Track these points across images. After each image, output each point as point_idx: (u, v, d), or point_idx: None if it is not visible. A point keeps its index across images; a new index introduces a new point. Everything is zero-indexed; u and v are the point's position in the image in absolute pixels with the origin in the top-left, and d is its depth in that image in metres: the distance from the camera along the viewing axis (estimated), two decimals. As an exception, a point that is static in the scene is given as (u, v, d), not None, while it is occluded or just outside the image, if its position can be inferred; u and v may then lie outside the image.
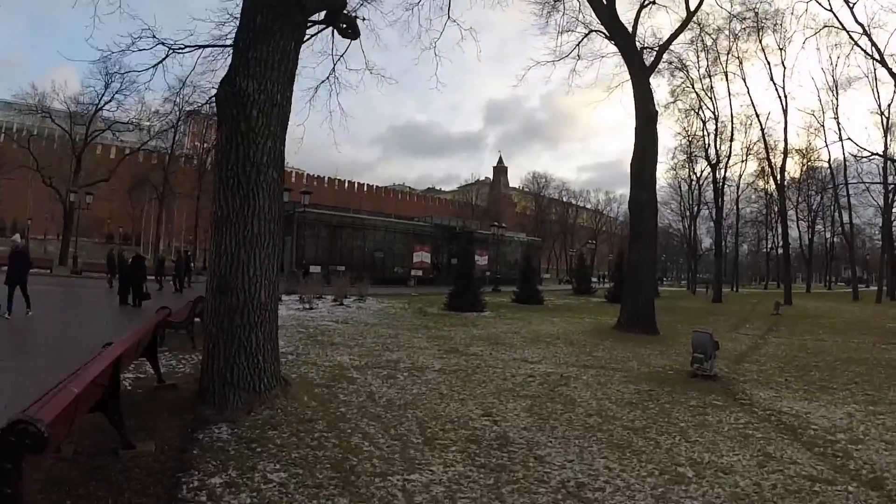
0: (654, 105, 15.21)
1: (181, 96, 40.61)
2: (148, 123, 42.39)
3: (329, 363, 8.22)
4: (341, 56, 10.19)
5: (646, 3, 16.75)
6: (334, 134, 38.78)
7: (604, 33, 16.66)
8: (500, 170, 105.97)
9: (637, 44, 15.91)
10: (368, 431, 5.00)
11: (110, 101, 37.73)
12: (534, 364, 8.84)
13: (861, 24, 19.40)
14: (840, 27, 21.06)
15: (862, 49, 21.13)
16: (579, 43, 17.65)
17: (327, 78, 10.39)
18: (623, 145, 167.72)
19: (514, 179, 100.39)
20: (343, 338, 11.19)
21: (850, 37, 20.85)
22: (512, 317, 17.23)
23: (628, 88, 15.79)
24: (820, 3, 20.15)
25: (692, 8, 16.40)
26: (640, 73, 14.79)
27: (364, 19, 14.38)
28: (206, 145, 49.10)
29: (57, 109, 39.42)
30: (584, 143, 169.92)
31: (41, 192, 44.51)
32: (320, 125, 15.27)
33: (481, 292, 18.77)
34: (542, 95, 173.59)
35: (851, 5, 19.20)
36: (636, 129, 14.72)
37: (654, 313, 14.08)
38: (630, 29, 15.45)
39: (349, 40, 8.28)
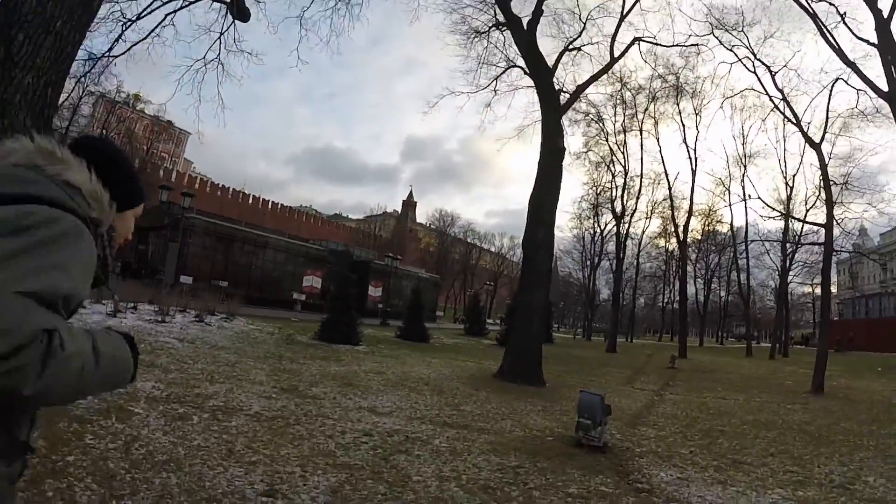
0: (562, 141, 14.48)
1: (88, 76, 38.21)
2: None
3: (120, 389, 6.11)
4: (220, 35, 8.86)
5: (570, 47, 16.42)
6: (224, 126, 35.50)
7: (523, 69, 16.27)
8: (409, 204, 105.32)
9: (556, 85, 15.41)
10: (79, 502, 3.34)
11: None
12: (381, 416, 7.16)
13: (780, 90, 20.46)
14: (763, 91, 22.03)
15: (780, 112, 22.15)
16: (498, 77, 17.29)
17: (215, 58, 9.06)
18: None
19: (423, 216, 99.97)
20: (170, 359, 9.22)
21: (772, 101, 21.82)
22: (387, 354, 15.53)
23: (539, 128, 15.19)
24: (744, 66, 20.80)
25: (615, 55, 16.13)
26: (553, 108, 14.01)
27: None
28: (111, 134, 44.63)
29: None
30: (495, 189, 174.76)
31: None
32: (213, 116, 13.65)
33: (358, 324, 16.90)
34: (460, 139, 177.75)
35: (773, 73, 20.17)
36: (539, 163, 13.80)
37: (542, 361, 12.84)
38: (550, 65, 14.85)
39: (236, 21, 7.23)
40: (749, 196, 34.42)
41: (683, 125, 33.93)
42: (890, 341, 38.31)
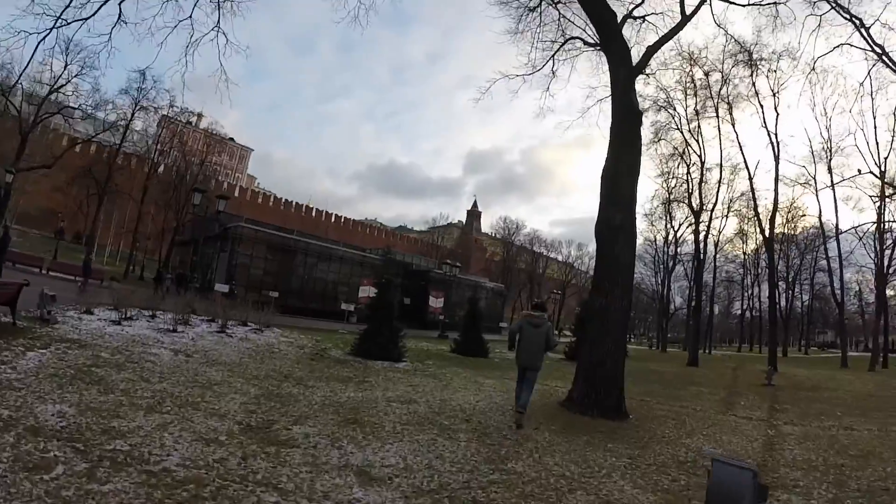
0: (637, 102, 11.35)
1: (141, 91, 38.84)
2: (103, 115, 38.70)
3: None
4: None
5: (632, 14, 13.35)
6: (226, 95, 34.26)
7: (582, 39, 13.93)
8: (474, 214, 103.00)
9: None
10: None
11: (66, 84, 34.22)
12: (370, 488, 4.38)
13: (880, 46, 17.67)
14: (866, 45, 18.45)
15: (887, 63, 18.04)
16: (555, 53, 14.59)
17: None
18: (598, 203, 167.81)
19: (488, 227, 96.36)
20: (133, 375, 7.33)
21: (876, 53, 18.32)
22: (431, 373, 12.78)
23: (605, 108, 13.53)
24: (839, 13, 17.34)
25: (687, 13, 12.75)
26: (624, 65, 10.88)
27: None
28: (157, 146, 45.20)
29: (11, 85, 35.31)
30: (559, 198, 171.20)
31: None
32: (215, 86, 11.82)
33: (402, 336, 14.32)
34: (522, 150, 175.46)
35: (867, 27, 17.43)
36: (612, 130, 10.65)
37: (623, 387, 9.64)
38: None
39: None
40: (843, 178, 30.08)
41: (762, 106, 29.17)
42: None
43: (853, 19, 17.74)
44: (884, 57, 17.87)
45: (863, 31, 17.67)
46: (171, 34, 11.70)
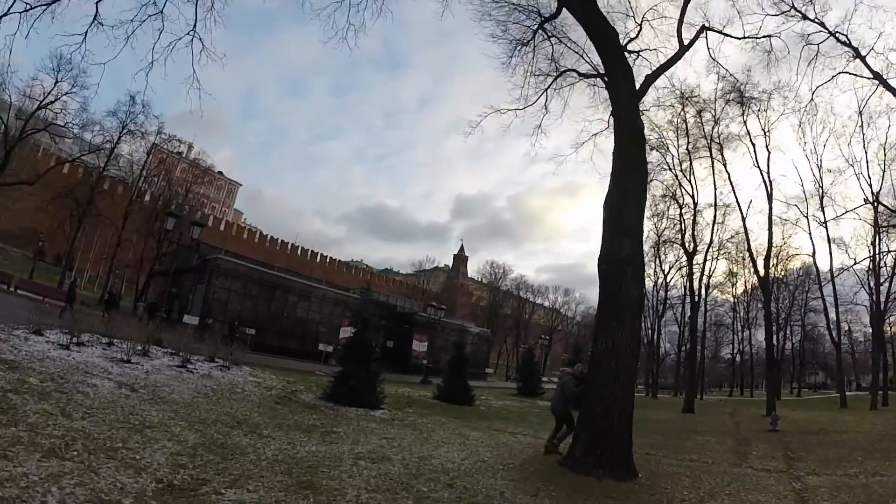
0: (643, 124, 10.50)
1: (129, 115, 38.09)
2: (90, 136, 38.07)
3: None
4: None
5: (627, 48, 12.83)
6: (197, 99, 31.44)
7: (577, 71, 13.40)
8: (460, 258, 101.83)
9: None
10: None
11: (55, 101, 33.74)
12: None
13: (878, 74, 17.60)
14: (869, 74, 18.56)
15: (888, 87, 18.28)
16: (549, 86, 13.91)
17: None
18: (586, 248, 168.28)
19: (474, 273, 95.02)
20: (54, 411, 6.16)
21: (879, 79, 18.36)
22: (411, 423, 11.47)
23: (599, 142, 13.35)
24: (838, 40, 17.77)
25: (685, 42, 12.31)
26: (626, 84, 10.09)
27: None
28: (143, 172, 44.06)
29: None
30: (546, 244, 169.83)
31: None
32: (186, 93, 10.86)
33: (380, 381, 13.01)
34: (509, 196, 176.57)
35: (863, 56, 17.51)
36: (615, 154, 9.70)
37: (632, 441, 8.26)
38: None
39: None
40: (836, 215, 29.99)
41: (753, 145, 29.04)
42: None
43: (851, 47, 17.84)
44: (884, 83, 18.01)
45: (860, 60, 17.80)
46: (148, 37, 10.76)
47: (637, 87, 11.01)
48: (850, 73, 19.55)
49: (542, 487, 6.61)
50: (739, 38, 14.70)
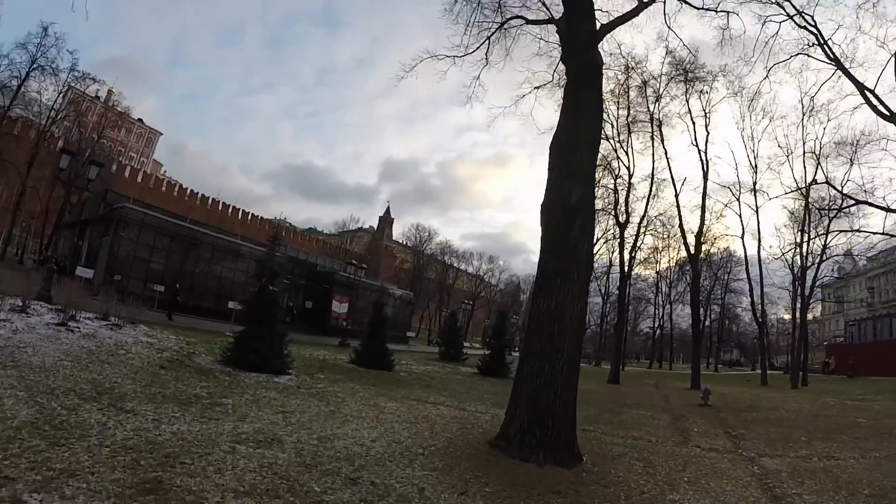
0: (599, 55, 9.21)
1: (40, 48, 32.88)
2: None
3: None
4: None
5: None
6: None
7: (525, 18, 12.23)
8: (386, 220, 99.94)
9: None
10: None
11: None
12: None
13: (836, 58, 17.57)
14: (825, 59, 18.48)
15: (856, 83, 17.92)
16: (492, 34, 12.62)
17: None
18: (512, 218, 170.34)
19: (400, 236, 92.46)
20: None
21: (838, 65, 18.23)
22: (320, 391, 10.09)
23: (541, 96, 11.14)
24: (796, 23, 17.83)
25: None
26: (588, 22, 8.82)
27: None
28: (52, 113, 38.44)
29: None
30: (472, 213, 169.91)
31: None
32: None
33: (286, 342, 11.42)
34: (438, 162, 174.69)
35: (824, 41, 17.54)
36: (566, 90, 8.67)
37: (576, 420, 7.28)
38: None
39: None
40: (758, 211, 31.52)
41: (693, 123, 29.16)
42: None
43: (815, 29, 17.78)
44: (842, 68, 17.77)
45: (819, 45, 17.73)
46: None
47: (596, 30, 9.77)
48: (809, 56, 19.59)
49: (472, 480, 5.40)
50: (699, 8, 13.70)
